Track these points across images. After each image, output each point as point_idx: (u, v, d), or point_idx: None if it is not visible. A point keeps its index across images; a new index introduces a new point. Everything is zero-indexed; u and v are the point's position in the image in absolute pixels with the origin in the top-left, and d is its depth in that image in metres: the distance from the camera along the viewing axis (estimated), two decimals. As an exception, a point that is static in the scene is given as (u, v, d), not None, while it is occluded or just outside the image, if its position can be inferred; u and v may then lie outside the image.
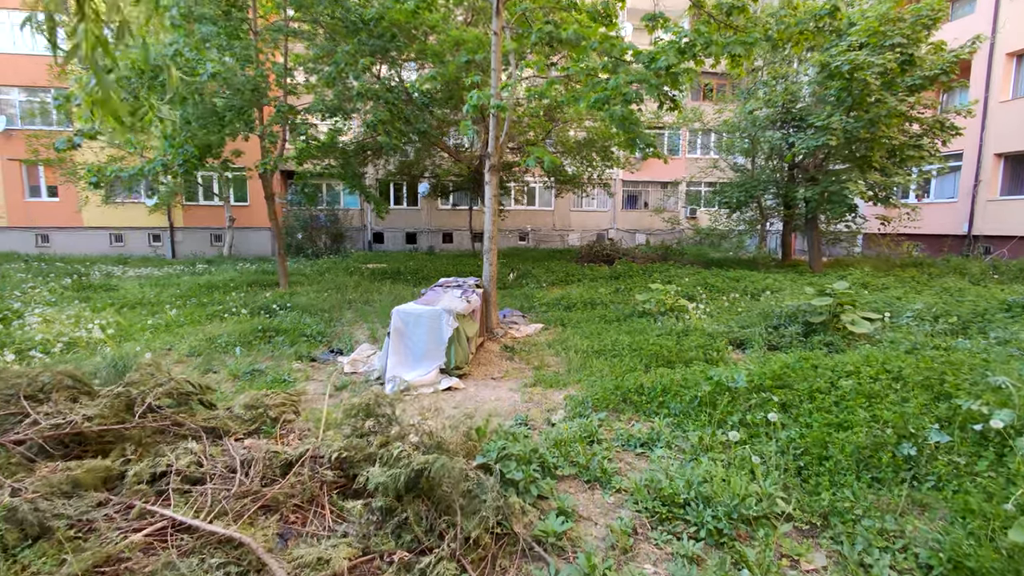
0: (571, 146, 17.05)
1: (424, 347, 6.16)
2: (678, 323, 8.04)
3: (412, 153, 19.80)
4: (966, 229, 18.80)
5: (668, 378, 5.25)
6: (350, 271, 14.81)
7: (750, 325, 7.58)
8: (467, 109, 7.13)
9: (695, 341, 6.90)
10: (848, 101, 12.21)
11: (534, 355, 7.23)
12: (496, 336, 8.32)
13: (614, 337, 7.41)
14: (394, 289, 12.55)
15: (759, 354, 6.66)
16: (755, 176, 16.36)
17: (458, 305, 6.55)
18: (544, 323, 9.42)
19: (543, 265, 15.94)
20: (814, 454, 3.77)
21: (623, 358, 6.47)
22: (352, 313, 10.41)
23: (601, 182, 20.06)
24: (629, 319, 8.78)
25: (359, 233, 25.00)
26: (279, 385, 6.04)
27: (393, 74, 13.34)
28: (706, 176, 19.71)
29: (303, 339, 7.97)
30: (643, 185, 27.75)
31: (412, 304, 6.51)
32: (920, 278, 12.61)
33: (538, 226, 26.83)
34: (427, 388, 5.88)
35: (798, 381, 4.89)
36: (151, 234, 21.84)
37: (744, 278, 12.36)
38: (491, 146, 8.40)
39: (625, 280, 13.07)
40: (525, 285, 13.25)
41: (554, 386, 5.89)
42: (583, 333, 8.02)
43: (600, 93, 7.32)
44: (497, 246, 18.68)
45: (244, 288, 12.30)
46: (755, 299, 9.94)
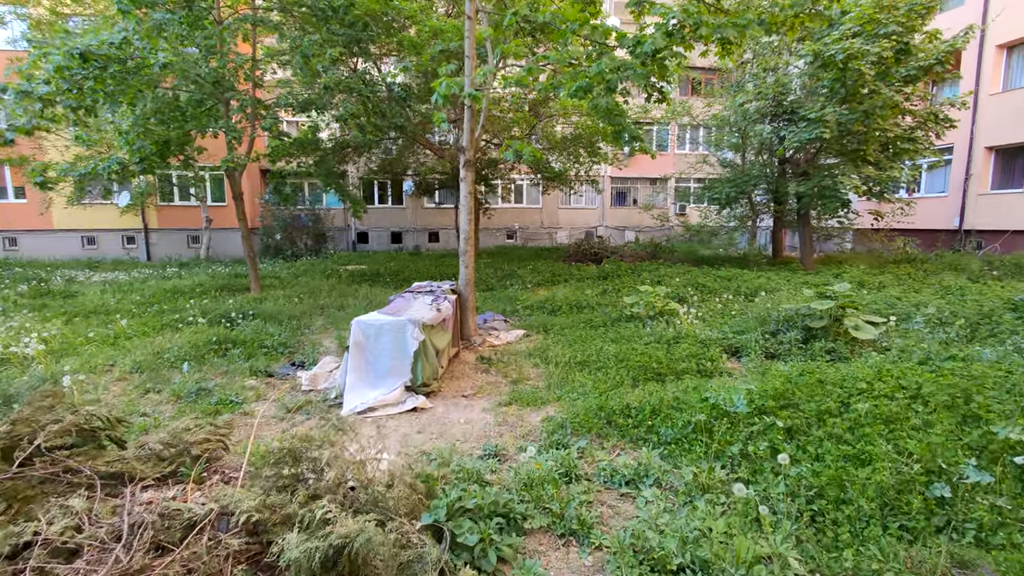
0: (557, 142, 16.40)
1: (387, 362, 5.48)
2: (668, 329, 7.42)
3: (395, 151, 19.05)
4: (957, 224, 18.39)
5: (658, 396, 4.62)
6: (328, 273, 14.08)
7: (746, 330, 6.98)
8: (436, 99, 6.44)
9: (687, 350, 6.28)
10: (841, 92, 11.64)
11: (512, 367, 6.57)
12: (473, 344, 7.66)
13: (599, 346, 6.77)
14: (371, 292, 11.84)
15: (756, 363, 6.05)
16: (745, 172, 15.79)
17: (426, 314, 5.88)
18: (526, 329, 8.77)
19: (529, 265, 15.29)
20: (830, 496, 3.16)
21: (608, 371, 5.83)
22: (324, 320, 9.70)
23: (588, 179, 19.42)
24: (616, 324, 8.15)
25: (342, 233, 24.19)
26: (226, 407, 5.34)
27: (368, 67, 12.59)
28: (695, 172, 19.15)
29: (262, 351, 7.26)
30: (632, 182, 27.16)
31: (375, 314, 5.82)
32: (916, 275, 12.11)
33: (526, 224, 26.17)
34: (390, 408, 5.21)
35: (804, 400, 4.27)
36: (125, 236, 20.90)
37: (736, 277, 11.78)
38: (466, 139, 7.72)
39: (613, 280, 12.45)
40: (509, 286, 12.60)
41: (531, 405, 5.24)
42: (566, 340, 7.38)
43: (582, 80, 6.66)
44: (476, 247, 17.98)
45: (212, 293, 11.53)
46: (749, 300, 9.35)
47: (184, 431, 3.76)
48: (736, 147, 17.17)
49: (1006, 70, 17.59)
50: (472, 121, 7.67)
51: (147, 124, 9.35)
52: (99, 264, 18.20)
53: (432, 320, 5.83)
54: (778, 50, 14.66)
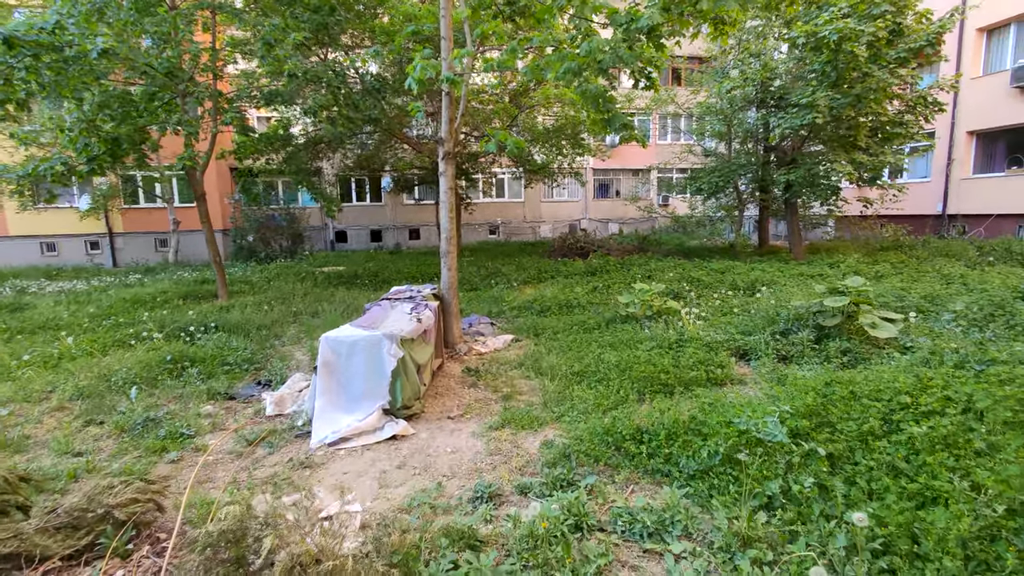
0: (539, 133, 15.68)
1: (362, 384, 4.77)
2: (668, 330, 6.83)
3: (372, 146, 18.13)
4: (941, 209, 18.22)
5: (672, 416, 3.99)
6: (302, 276, 13.21)
7: (753, 331, 6.41)
8: (410, 84, 5.69)
9: (693, 355, 5.68)
10: (832, 76, 11.15)
11: (502, 379, 5.91)
12: (458, 353, 6.97)
13: (597, 352, 6.13)
14: (349, 296, 11.04)
15: (769, 368, 5.48)
16: (731, 161, 15.29)
17: (405, 326, 5.17)
18: (514, 333, 8.11)
19: (514, 261, 14.61)
20: (901, 550, 2.56)
21: (610, 382, 5.20)
22: (296, 328, 8.91)
23: (572, 171, 18.77)
24: (612, 325, 7.53)
25: (320, 233, 23.19)
26: (174, 442, 4.58)
27: (338, 56, 11.70)
28: (679, 162, 18.63)
29: (224, 369, 6.48)
30: (614, 173, 26.61)
31: (347, 327, 5.09)
32: (909, 263, 11.75)
33: (508, 219, 25.46)
34: (366, 437, 4.50)
35: (841, 418, 3.69)
36: (88, 241, 19.63)
37: (729, 270, 11.27)
38: (444, 130, 6.98)
39: (602, 276, 11.84)
40: (494, 285, 11.91)
41: (527, 427, 4.58)
42: (560, 347, 6.73)
43: (571, 62, 5.97)
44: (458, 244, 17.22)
45: (175, 302, 10.62)
46: (748, 296, 8.81)
47: (105, 491, 3.02)
48: (721, 136, 16.66)
49: (986, 54, 17.37)
50: (451, 109, 6.93)
51: (94, 120, 8.40)
52: (59, 272, 16.99)
53: (412, 332, 5.12)
54: (763, 35, 14.14)
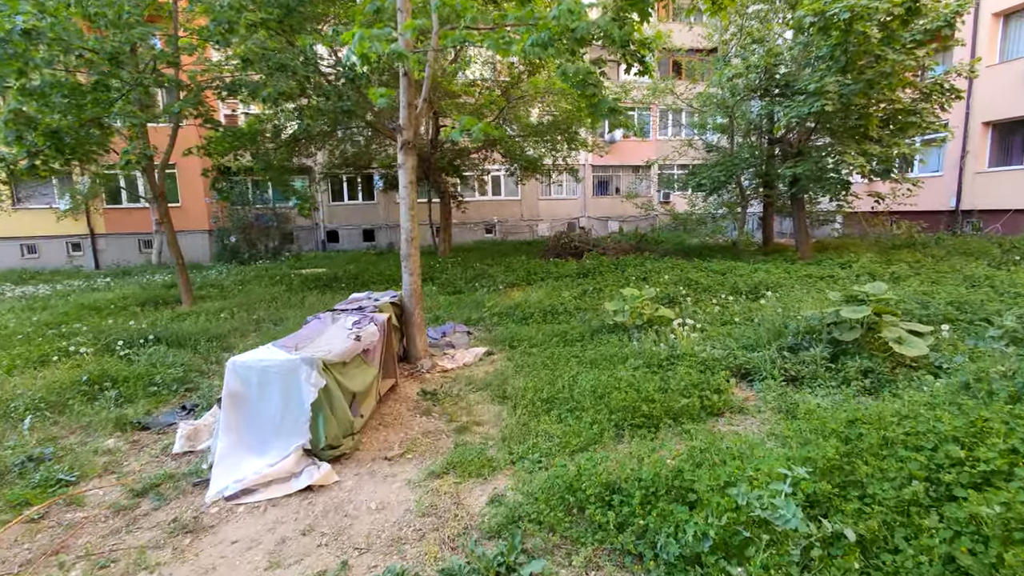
0: (529, 126, 14.72)
1: (276, 419, 3.86)
2: (660, 344, 5.88)
3: (363, 142, 17.22)
4: (954, 204, 17.10)
5: (651, 468, 3.06)
6: (279, 279, 12.34)
7: (757, 345, 5.45)
8: (347, 57, 4.76)
9: (685, 375, 4.73)
10: (842, 60, 10.11)
11: (461, 404, 4.98)
12: (420, 371, 6.05)
13: (573, 372, 5.19)
14: (320, 301, 10.14)
15: (777, 393, 4.53)
16: (734, 154, 14.26)
17: (336, 346, 4.25)
18: (489, 344, 7.18)
19: (503, 262, 13.67)
20: None
21: (584, 413, 4.26)
22: (256, 337, 8.03)
23: (567, 167, 17.78)
24: (596, 337, 6.59)
25: (310, 232, 22.33)
26: (45, 492, 3.70)
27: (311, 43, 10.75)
28: (679, 158, 17.60)
29: (150, 391, 5.59)
30: (613, 170, 25.58)
31: (265, 349, 4.18)
32: (925, 262, 10.71)
33: (505, 217, 24.49)
34: (276, 488, 3.60)
35: (872, 476, 2.75)
36: (70, 243, 18.87)
37: (730, 271, 10.28)
38: (403, 116, 6.05)
39: (594, 278, 10.89)
40: (478, 288, 10.98)
41: (476, 474, 3.66)
42: (534, 363, 5.80)
43: (541, 31, 5.02)
44: (449, 242, 16.30)
45: (134, 309, 9.77)
46: (752, 300, 7.83)
47: None
48: (723, 129, 15.63)
49: (1003, 40, 16.23)
50: (409, 93, 6.00)
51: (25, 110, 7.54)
52: (35, 275, 16.22)
53: (344, 354, 4.20)
54: (766, 19, 13.10)
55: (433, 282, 11.82)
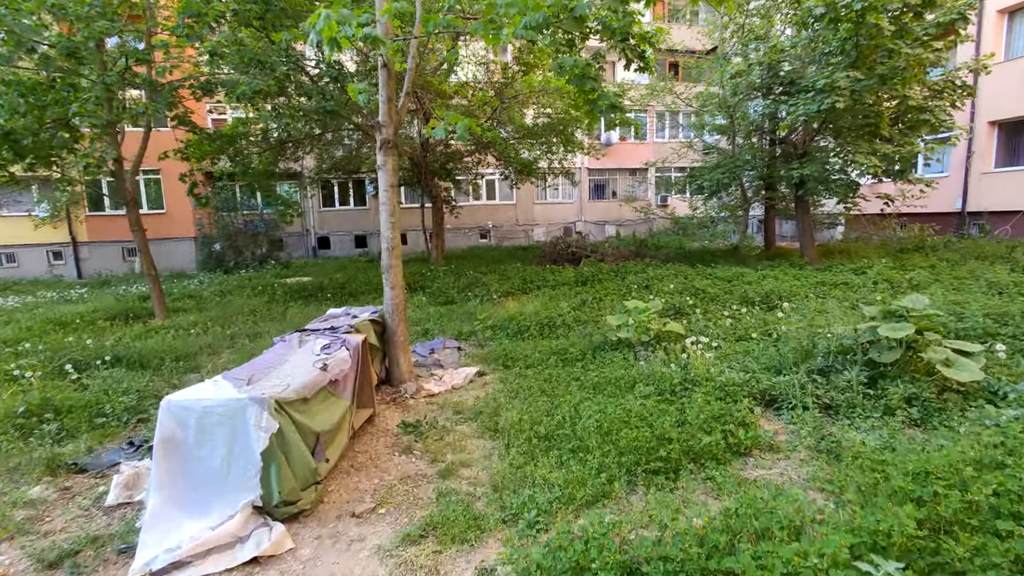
0: (524, 127, 14.09)
1: (219, 471, 3.18)
2: (670, 362, 5.23)
3: (353, 145, 16.55)
4: (960, 205, 16.56)
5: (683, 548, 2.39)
6: (261, 289, 11.64)
7: (782, 367, 4.80)
8: (313, 40, 4.09)
9: (704, 407, 4.07)
10: (853, 55, 9.54)
11: (448, 441, 4.30)
12: (403, 396, 5.37)
13: (575, 400, 4.52)
14: (302, 313, 9.46)
15: (810, 428, 3.88)
16: (735, 156, 13.67)
17: (298, 378, 3.58)
18: (482, 362, 6.52)
19: (498, 269, 13.01)
20: None
21: (588, 455, 3.60)
22: (229, 354, 7.35)
23: (563, 170, 17.15)
24: (599, 355, 5.93)
25: (301, 239, 21.62)
26: (-63, 563, 3.00)
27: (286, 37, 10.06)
28: (678, 160, 17.00)
29: (97, 423, 4.90)
30: (610, 173, 24.99)
31: (210, 385, 3.50)
32: (940, 266, 10.12)
33: (500, 222, 23.84)
34: (216, 559, 2.92)
35: (967, 561, 2.10)
36: (50, 252, 18.11)
37: (737, 278, 9.65)
38: (383, 112, 5.40)
39: (594, 286, 10.24)
40: (471, 298, 10.32)
41: (460, 539, 2.99)
42: (530, 387, 5.13)
43: (536, 13, 4.38)
44: (442, 248, 15.59)
45: (102, 324, 9.05)
46: (765, 311, 7.19)
47: None
48: (723, 130, 15.05)
49: (1008, 37, 15.74)
50: (389, 87, 5.35)
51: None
52: (12, 285, 15.47)
53: (307, 388, 3.53)
54: (767, 15, 12.52)
55: (424, 291, 11.15)
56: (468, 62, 15.07)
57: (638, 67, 6.24)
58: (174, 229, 18.65)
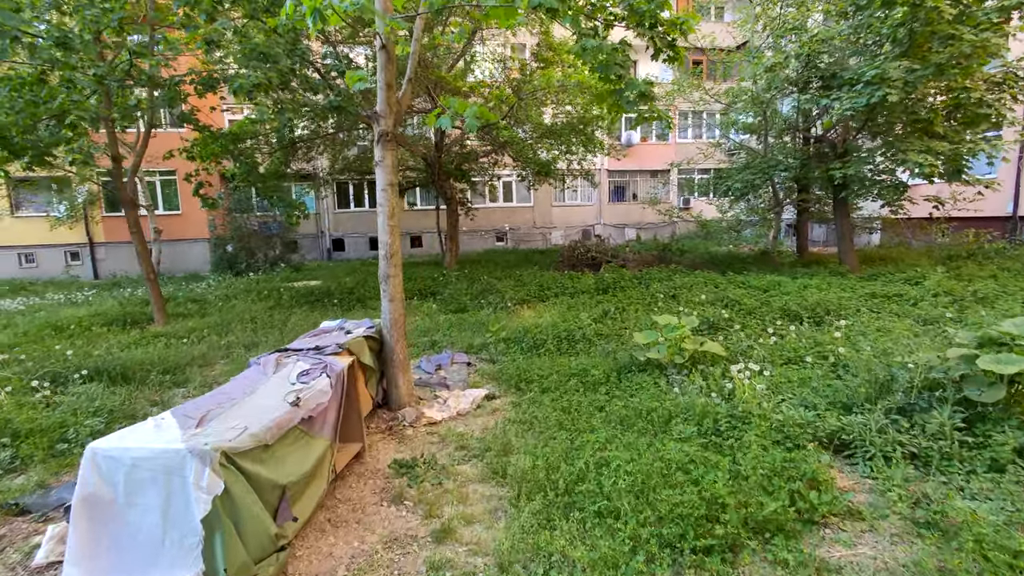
0: (542, 126, 13.32)
1: (153, 539, 2.49)
2: (710, 390, 4.41)
3: (369, 145, 16.00)
4: (1011, 209, 15.25)
5: None
6: (268, 293, 11.09)
7: (851, 402, 3.94)
8: (289, 8, 3.41)
9: (761, 455, 3.26)
10: (906, 42, 8.56)
11: (448, 487, 3.56)
12: (401, 422, 4.66)
13: (600, 439, 3.74)
14: (306, 320, 8.85)
15: (901, 486, 3.04)
16: (768, 155, 12.69)
17: (261, 417, 2.88)
18: (493, 380, 5.78)
19: (513, 274, 12.26)
20: None
21: (619, 523, 2.82)
22: (223, 366, 6.76)
23: (582, 171, 16.34)
24: (625, 378, 5.13)
25: (316, 241, 21.22)
26: None
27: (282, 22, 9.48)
28: (703, 161, 16.04)
29: (57, 451, 4.30)
30: (631, 175, 24.06)
31: (150, 427, 2.81)
32: (1001, 276, 9.04)
33: (517, 224, 23.11)
34: (137, 661, 2.22)
35: None
36: (68, 252, 17.96)
37: (774, 288, 8.74)
38: (381, 100, 4.70)
39: (616, 295, 9.43)
40: (484, 306, 9.59)
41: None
42: (546, 420, 4.36)
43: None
44: (456, 251, 14.88)
45: (99, 329, 8.57)
46: (815, 327, 6.28)
47: None
48: (752, 128, 14.07)
49: (1066, 26, 14.41)
50: (388, 71, 4.65)
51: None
52: (28, 286, 15.28)
53: (269, 430, 2.82)
54: (803, 4, 11.54)
55: (435, 298, 10.46)
56: (485, 60, 14.40)
57: (667, 57, 5.50)
58: (189, 230, 18.38)
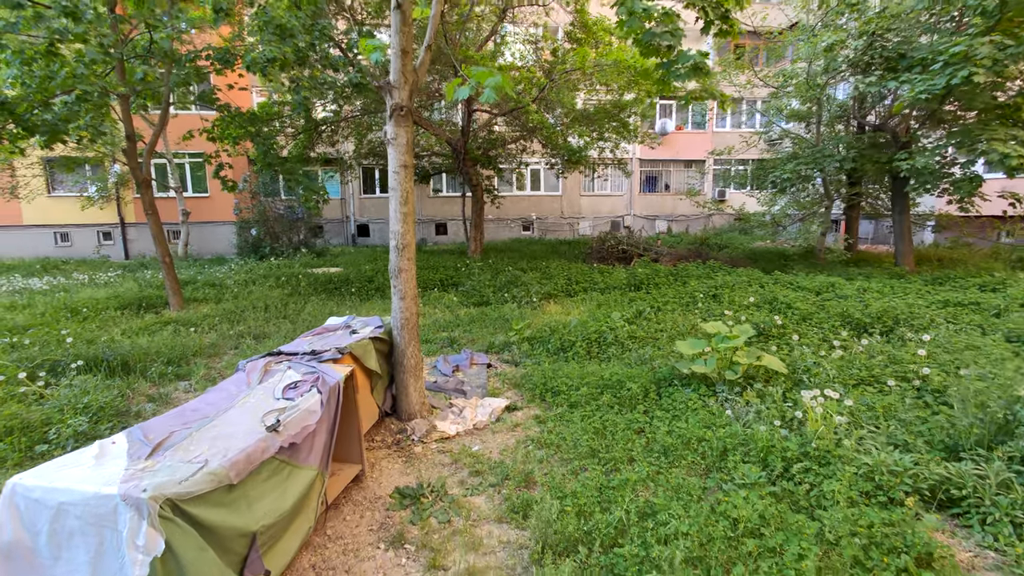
0: (575, 110, 12.50)
1: (79, 606, 1.96)
2: (772, 416, 3.69)
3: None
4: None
5: None
6: (286, 279, 10.70)
7: (955, 444, 3.16)
8: None
9: (851, 514, 2.54)
10: (997, 14, 7.44)
11: (457, 528, 2.96)
12: (410, 436, 4.08)
13: (642, 475, 3.07)
14: (322, 310, 8.39)
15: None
16: (820, 145, 11.58)
17: (226, 449, 2.31)
18: (515, 388, 5.16)
19: (540, 266, 11.57)
20: None
21: (673, 602, 2.17)
22: (231, 357, 6.32)
23: (615, 160, 15.42)
24: (666, 393, 4.43)
25: (341, 225, 20.89)
26: None
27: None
28: (746, 150, 14.92)
29: (37, 452, 3.89)
30: (663, 164, 22.90)
31: (91, 456, 2.27)
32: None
33: (544, 213, 22.31)
34: None
35: None
36: (101, 232, 18.06)
37: (827, 290, 7.83)
38: (394, 70, 4.05)
39: (650, 292, 8.66)
40: (508, 300, 8.96)
41: None
42: (576, 444, 3.70)
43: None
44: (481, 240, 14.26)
45: (113, 312, 8.29)
46: (887, 339, 5.42)
47: None
48: (803, 115, 12.93)
49: None
50: (404, 35, 3.99)
51: None
52: (61, 265, 15.35)
53: (238, 464, 2.25)
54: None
55: (456, 289, 9.88)
56: (516, 40, 13.61)
57: (719, 31, 4.75)
58: (216, 213, 18.28)
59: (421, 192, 21.30)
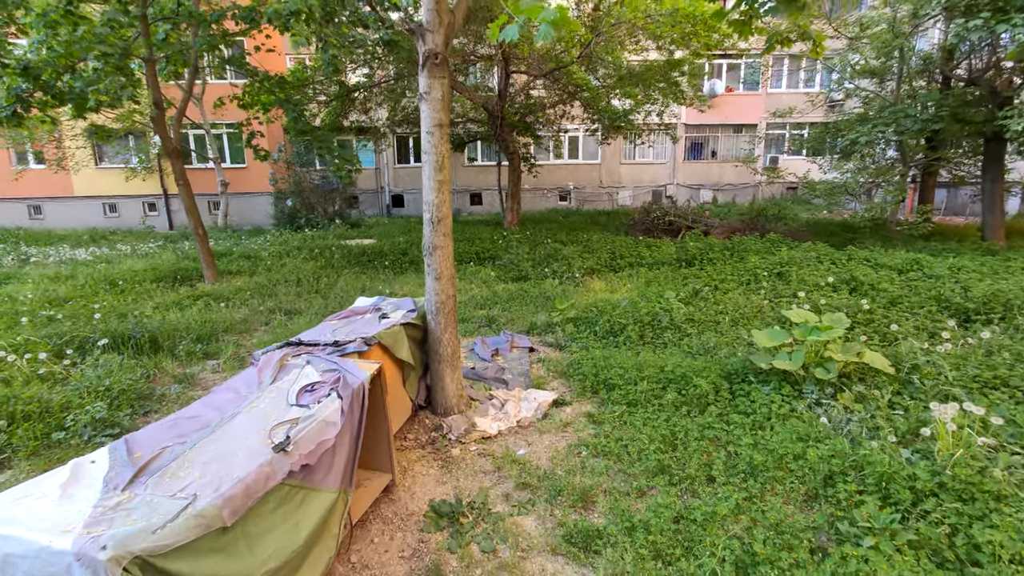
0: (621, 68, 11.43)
1: None
2: (884, 431, 2.99)
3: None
4: None
5: None
6: (320, 251, 10.37)
7: None
8: None
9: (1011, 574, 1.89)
10: None
11: (501, 562, 2.45)
12: (448, 436, 3.59)
13: (731, 507, 2.48)
14: (354, 284, 8.00)
15: None
16: (900, 104, 10.20)
17: (212, 486, 1.83)
18: (562, 379, 4.60)
19: (580, 238, 10.82)
20: None
21: None
22: (260, 336, 6.01)
23: (661, 124, 14.26)
24: (740, 391, 3.76)
25: (375, 196, 20.54)
26: None
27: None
28: (810, 111, 13.47)
29: (53, 440, 3.61)
30: (711, 129, 21.30)
31: (57, 485, 1.83)
32: None
33: (582, 183, 21.27)
34: None
35: None
36: (146, 203, 18.30)
37: (913, 268, 6.84)
38: (425, 12, 3.38)
39: (704, 269, 7.86)
40: (548, 275, 8.33)
41: None
42: (642, 452, 3.13)
43: None
44: (517, 211, 13.56)
45: (149, 284, 8.15)
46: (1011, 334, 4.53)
47: None
48: (876, 71, 11.42)
49: None
50: (440, -37, 3.29)
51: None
52: (108, 235, 15.62)
53: (235, 500, 1.78)
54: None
55: (493, 263, 9.31)
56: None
57: None
58: (253, 183, 18.18)
59: (455, 161, 20.57)
